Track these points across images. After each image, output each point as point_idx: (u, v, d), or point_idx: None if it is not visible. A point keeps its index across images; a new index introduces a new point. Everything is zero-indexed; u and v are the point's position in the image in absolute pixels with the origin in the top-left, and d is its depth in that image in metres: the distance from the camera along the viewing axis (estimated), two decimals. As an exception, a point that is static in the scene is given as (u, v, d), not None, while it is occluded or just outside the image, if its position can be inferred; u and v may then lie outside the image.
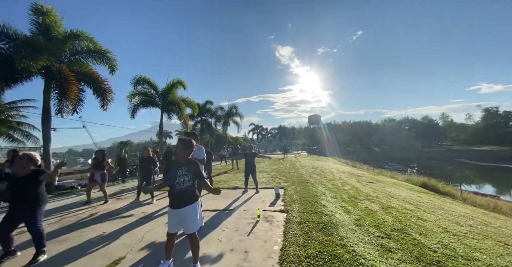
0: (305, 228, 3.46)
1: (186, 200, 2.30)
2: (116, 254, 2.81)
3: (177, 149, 2.40)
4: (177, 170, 2.32)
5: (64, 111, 7.83)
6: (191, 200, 2.32)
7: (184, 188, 2.29)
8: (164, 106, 15.64)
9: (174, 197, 2.31)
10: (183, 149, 2.38)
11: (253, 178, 6.52)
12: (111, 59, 8.69)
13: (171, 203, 2.33)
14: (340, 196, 6.24)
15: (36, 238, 2.77)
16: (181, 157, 2.40)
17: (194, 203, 2.33)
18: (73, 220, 4.46)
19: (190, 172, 2.32)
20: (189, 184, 2.32)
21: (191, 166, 2.35)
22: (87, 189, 5.91)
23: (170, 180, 2.31)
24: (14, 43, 6.71)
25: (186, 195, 2.31)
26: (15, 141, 17.19)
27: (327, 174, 11.44)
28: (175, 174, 2.30)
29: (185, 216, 2.28)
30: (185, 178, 2.29)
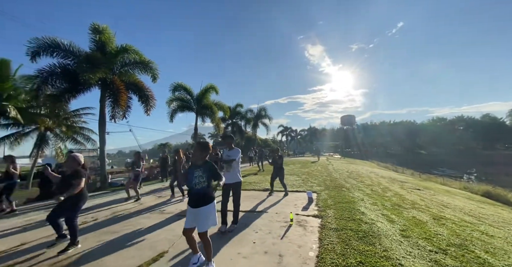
0: (343, 236, 3.24)
1: (202, 201, 2.39)
2: (160, 248, 3.04)
3: (195, 152, 2.52)
4: (194, 172, 2.42)
5: (116, 117, 8.94)
6: (207, 201, 2.40)
7: (200, 189, 2.38)
8: (199, 110, 16.59)
9: (192, 196, 2.42)
10: (200, 151, 2.48)
11: (280, 181, 6.42)
12: (153, 69, 9.63)
13: (189, 202, 2.45)
14: (381, 203, 5.70)
15: (71, 231, 3.12)
16: (198, 159, 2.49)
17: (209, 204, 2.41)
18: (122, 213, 5.00)
19: (205, 173, 2.41)
20: (204, 185, 2.40)
21: (206, 167, 2.44)
22: (126, 187, 6.58)
23: (188, 181, 2.43)
24: (78, 59, 7.99)
25: (202, 196, 2.39)
26: (78, 144, 20.25)
27: (364, 179, 10.62)
28: (192, 175, 2.41)
29: (199, 215, 2.36)
30: (200, 179, 2.38)
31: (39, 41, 7.58)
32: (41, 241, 3.50)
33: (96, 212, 5.18)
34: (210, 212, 2.40)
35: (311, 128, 71.80)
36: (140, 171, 6.42)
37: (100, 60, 7.77)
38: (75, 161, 3.25)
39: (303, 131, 70.25)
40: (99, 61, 7.70)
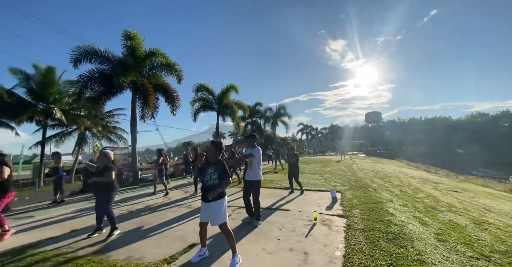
0: (371, 237, 3.13)
1: (216, 196, 2.51)
2: (189, 240, 3.23)
3: (209, 150, 2.65)
4: (207, 169, 2.56)
5: (146, 117, 9.60)
6: (218, 196, 2.52)
7: (211, 185, 2.51)
8: (220, 109, 17.03)
9: (204, 192, 2.55)
10: (214, 150, 2.62)
11: (295, 180, 6.37)
12: (178, 71, 10.12)
13: (202, 197, 2.60)
14: (412, 204, 5.37)
15: (109, 218, 3.49)
16: (212, 157, 2.63)
17: (220, 199, 2.53)
18: (152, 206, 5.38)
19: (216, 171, 2.54)
20: (215, 182, 2.53)
21: (218, 166, 2.57)
22: (153, 182, 7.03)
23: (201, 177, 2.59)
24: (112, 64, 8.71)
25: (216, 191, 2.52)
26: (111, 142, 22.09)
27: (392, 179, 10.04)
28: (205, 172, 2.56)
29: (211, 210, 2.51)
30: (212, 176, 2.53)
31: (80, 49, 8.44)
32: (87, 227, 3.93)
33: (130, 204, 5.65)
34: (220, 207, 2.53)
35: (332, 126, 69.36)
36: (163, 165, 6.82)
37: (131, 64, 8.41)
38: (106, 157, 3.63)
39: (324, 129, 68.14)
40: (130, 65, 8.33)
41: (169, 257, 2.70)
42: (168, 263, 2.58)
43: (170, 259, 2.66)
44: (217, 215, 2.50)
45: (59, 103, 16.99)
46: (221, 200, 2.55)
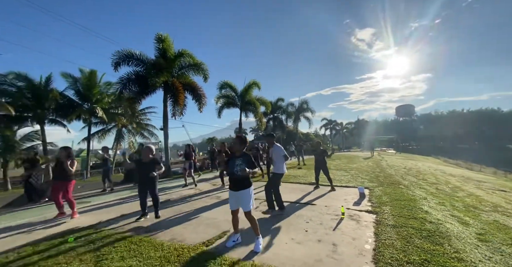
0: (403, 233, 3.07)
1: (243, 185, 2.78)
2: (222, 227, 3.51)
3: (234, 144, 2.92)
4: (235, 161, 2.80)
5: (176, 114, 10.29)
6: (246, 185, 2.79)
7: (240, 175, 2.74)
8: (242, 106, 17.34)
9: (234, 182, 2.82)
10: (239, 144, 2.88)
11: (326, 175, 6.26)
12: (205, 70, 10.59)
13: (231, 186, 2.85)
14: (450, 203, 5.03)
15: (155, 202, 4.01)
16: (237, 151, 2.88)
17: (248, 188, 2.79)
18: (186, 196, 5.85)
19: (244, 162, 2.77)
20: (244, 172, 2.74)
21: (245, 158, 2.81)
22: (183, 175, 7.54)
23: (230, 168, 2.81)
24: (146, 66, 9.46)
25: (242, 181, 2.79)
26: (144, 138, 23.98)
27: (427, 176, 9.39)
28: (234, 164, 2.79)
29: (241, 197, 2.76)
30: (241, 167, 2.75)
31: (119, 53, 9.32)
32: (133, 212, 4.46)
33: (166, 194, 6.21)
34: (249, 194, 2.79)
35: (359, 121, 65.81)
36: (191, 159, 7.29)
37: (163, 65, 9.05)
38: (150, 151, 4.04)
39: (349, 124, 64.99)
40: (162, 66, 8.98)
41: (207, 241, 2.99)
42: (206, 246, 2.87)
43: (207, 243, 2.95)
44: (247, 201, 2.76)
45: (100, 103, 18.94)
46: (249, 189, 2.80)
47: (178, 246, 2.83)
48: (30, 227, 3.86)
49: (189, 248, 2.75)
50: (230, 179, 2.90)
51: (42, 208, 5.34)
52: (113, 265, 2.39)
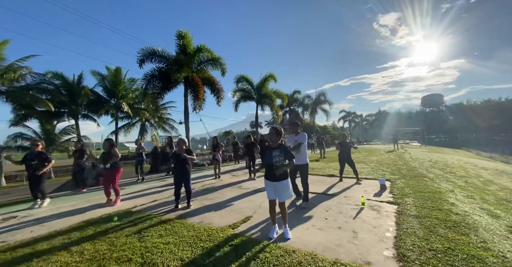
0: (426, 223, 3.07)
1: (283, 175, 2.81)
2: (245, 213, 3.75)
3: (271, 135, 2.94)
4: (272, 153, 2.83)
5: (196, 109, 10.71)
6: (285, 176, 2.83)
7: (279, 166, 2.77)
8: (259, 99, 17.42)
9: (272, 172, 2.80)
10: (275, 135, 2.91)
11: (352, 168, 6.20)
12: (222, 64, 10.81)
13: (270, 177, 2.85)
14: (480, 196, 4.82)
15: (188, 194, 4.23)
16: (274, 142, 2.91)
17: (287, 178, 2.85)
18: (210, 186, 6.20)
19: (282, 153, 2.81)
20: (283, 163, 2.81)
21: (283, 149, 2.85)
22: (214, 166, 7.84)
23: (268, 160, 2.83)
24: (168, 62, 9.88)
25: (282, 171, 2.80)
26: (166, 131, 25.19)
27: (455, 170, 8.91)
28: (271, 155, 2.82)
29: (280, 188, 2.81)
30: (280, 158, 2.80)
31: (143, 51, 9.84)
32: (165, 200, 4.88)
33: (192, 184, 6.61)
34: (288, 185, 2.86)
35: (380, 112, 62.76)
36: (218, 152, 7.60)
37: (183, 61, 9.42)
38: (185, 143, 4.32)
39: (370, 116, 62.25)
40: (183, 62, 9.34)
41: (232, 224, 3.25)
42: (232, 228, 3.12)
43: (233, 226, 3.20)
44: (286, 192, 2.82)
45: (125, 99, 20.12)
46: (287, 179, 2.86)
47: (207, 228, 3.11)
48: (80, 208, 4.43)
49: (217, 230, 3.02)
50: (268, 169, 2.87)
51: (87, 194, 6.03)
52: (153, 240, 2.73)
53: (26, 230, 3.32)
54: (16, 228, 3.43)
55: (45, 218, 3.86)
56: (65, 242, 2.77)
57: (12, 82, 12.92)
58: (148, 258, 2.31)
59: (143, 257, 2.33)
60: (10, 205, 5.03)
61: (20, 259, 2.41)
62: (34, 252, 2.56)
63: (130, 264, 2.22)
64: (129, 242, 2.69)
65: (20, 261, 2.37)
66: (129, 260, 2.27)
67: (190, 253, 2.41)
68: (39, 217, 3.95)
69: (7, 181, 14.51)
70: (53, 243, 2.78)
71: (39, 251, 2.58)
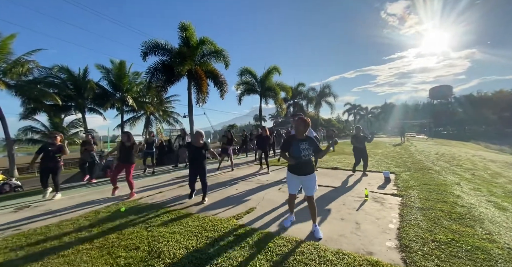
0: (430, 215, 3.06)
1: (311, 169, 2.72)
2: (249, 205, 3.80)
3: (298, 127, 2.77)
4: (299, 145, 2.66)
5: (200, 102, 10.71)
6: (313, 169, 2.75)
7: (308, 159, 2.68)
8: (262, 92, 17.27)
9: (300, 166, 2.69)
10: (303, 125, 2.74)
11: (364, 161, 6.04)
12: (225, 57, 10.67)
13: (297, 171, 2.71)
14: (487, 189, 4.76)
15: (204, 188, 4.17)
16: (301, 133, 2.74)
17: (314, 172, 2.74)
18: (220, 179, 6.22)
19: (311, 146, 2.68)
20: (311, 156, 2.72)
21: (311, 141, 2.72)
22: (221, 160, 7.84)
23: (295, 153, 2.66)
24: (171, 55, 9.81)
25: (310, 164, 2.74)
26: (170, 125, 25.41)
27: (462, 162, 8.78)
28: (299, 148, 2.64)
29: (309, 181, 2.69)
30: (309, 151, 2.66)
31: (146, 44, 9.77)
32: (171, 192, 4.98)
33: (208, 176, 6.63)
34: (315, 179, 2.76)
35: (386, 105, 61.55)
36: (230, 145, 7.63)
37: (186, 54, 9.34)
38: (201, 136, 4.29)
39: (375, 109, 61.24)
40: (186, 54, 9.27)
41: (236, 215, 3.30)
42: (236, 219, 3.17)
43: (237, 216, 3.25)
44: (314, 185, 2.71)
45: (130, 92, 20.24)
46: (314, 173, 2.76)
47: (212, 218, 3.18)
48: (89, 199, 4.57)
49: (221, 220, 3.09)
50: (295, 163, 2.69)
51: (97, 186, 6.19)
52: (159, 229, 2.81)
53: (38, 219, 3.46)
54: (29, 218, 3.57)
55: (56, 208, 4.01)
56: (75, 231, 2.89)
57: (20, 76, 13.11)
58: (155, 246, 2.38)
59: (150, 245, 2.41)
60: (23, 196, 5.23)
61: (34, 246, 2.53)
62: (47, 239, 2.68)
63: (137, 251, 2.30)
64: (136, 231, 2.78)
65: (34, 248, 2.48)
66: (136, 248, 2.35)
67: (195, 242, 2.47)
68: (50, 207, 4.09)
69: (20, 173, 15.05)
70: (64, 231, 2.89)
71: (51, 238, 2.70)
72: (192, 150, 4.17)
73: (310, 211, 2.76)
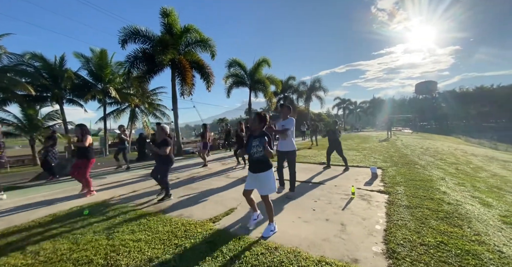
0: (417, 214, 2.92)
1: (260, 168, 2.55)
2: (229, 205, 3.53)
3: (253, 122, 2.61)
4: (252, 141, 2.54)
5: (185, 94, 10.13)
6: (265, 168, 2.54)
7: (257, 157, 2.52)
8: (252, 85, 16.78)
9: (252, 164, 2.61)
10: (258, 122, 2.57)
11: (340, 155, 6.05)
12: (212, 46, 10.06)
13: (250, 168, 2.65)
14: (471, 184, 4.75)
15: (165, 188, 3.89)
16: (256, 130, 2.59)
17: (267, 170, 2.54)
18: (196, 175, 5.96)
19: (261, 143, 2.46)
20: (261, 154, 2.49)
21: (262, 139, 2.49)
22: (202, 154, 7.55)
23: (247, 150, 2.59)
24: (153, 43, 9.10)
25: (260, 163, 2.55)
26: (157, 118, 24.48)
27: (446, 156, 8.93)
28: (251, 144, 2.55)
29: (259, 180, 2.56)
30: (258, 149, 2.49)
31: (125, 30, 8.94)
32: (146, 190, 4.62)
33: (178, 173, 6.37)
34: (268, 178, 2.55)
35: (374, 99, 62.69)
36: (208, 140, 7.27)
37: (169, 42, 8.66)
38: (163, 131, 3.94)
39: (364, 103, 62.25)
40: (168, 42, 8.59)
41: (214, 218, 3.03)
42: (213, 222, 2.90)
43: (214, 219, 2.98)
44: (265, 185, 2.54)
45: (113, 83, 19.10)
46: (269, 171, 2.56)
47: (185, 222, 2.88)
48: (51, 200, 4.13)
49: (196, 224, 2.80)
50: (249, 160, 2.68)
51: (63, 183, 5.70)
52: (123, 237, 2.48)
53: (-16, 225, 3.03)
54: (-25, 223, 3.12)
55: (7, 211, 3.54)
56: (22, 240, 2.50)
57: (-16, 63, 11.88)
58: (112, 259, 2.06)
59: (107, 257, 2.08)
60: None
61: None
62: (-15, 252, 2.29)
63: (89, 266, 1.97)
64: (95, 239, 2.43)
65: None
66: (89, 262, 2.02)
67: (161, 252, 2.17)
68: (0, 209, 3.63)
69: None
70: (8, 240, 2.50)
71: (-9, 251, 2.31)
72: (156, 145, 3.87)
73: (266, 211, 2.63)
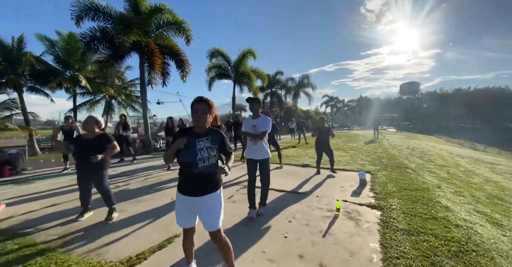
0: (422, 246, 2.15)
1: (211, 185, 1.58)
2: (172, 229, 2.59)
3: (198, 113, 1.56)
4: (196, 142, 1.54)
5: (154, 83, 8.91)
6: (217, 184, 1.62)
7: (207, 167, 1.54)
8: (236, 78, 15.70)
9: (193, 179, 1.54)
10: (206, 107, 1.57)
11: (329, 157, 5.27)
12: (187, 30, 8.85)
13: (187, 188, 1.57)
14: (470, 193, 4.15)
15: (106, 198, 2.87)
16: (202, 124, 1.57)
17: (217, 190, 1.62)
18: (152, 181, 4.90)
19: (215, 144, 1.58)
20: (214, 162, 1.59)
21: (214, 137, 1.60)
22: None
23: (187, 156, 1.52)
24: (113, 20, 7.75)
25: (210, 177, 1.57)
26: (136, 111, 22.71)
27: (433, 157, 8.51)
28: (194, 147, 1.52)
29: (206, 207, 1.56)
30: (210, 153, 1.54)
31: (80, 4, 7.45)
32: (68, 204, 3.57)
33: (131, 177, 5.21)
34: (220, 201, 1.64)
35: (361, 98, 63.57)
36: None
37: (134, 21, 7.35)
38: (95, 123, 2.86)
39: (351, 102, 63.00)
40: (133, 21, 7.28)
41: (135, 257, 2.05)
42: (131, 265, 1.95)
43: (135, 259, 2.02)
44: (215, 214, 1.59)
45: (84, 71, 17.16)
46: (218, 191, 1.63)
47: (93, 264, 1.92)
48: None
49: (104, 269, 1.84)
50: (184, 174, 1.58)
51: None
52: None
53: None
54: None
55: None
56: None
57: None
58: None
59: None
60: None
61: None
62: None
63: None
64: None
65: None
66: None
67: None
68: None
69: None
70: None
71: None
72: (80, 144, 2.77)
73: (222, 254, 1.67)
